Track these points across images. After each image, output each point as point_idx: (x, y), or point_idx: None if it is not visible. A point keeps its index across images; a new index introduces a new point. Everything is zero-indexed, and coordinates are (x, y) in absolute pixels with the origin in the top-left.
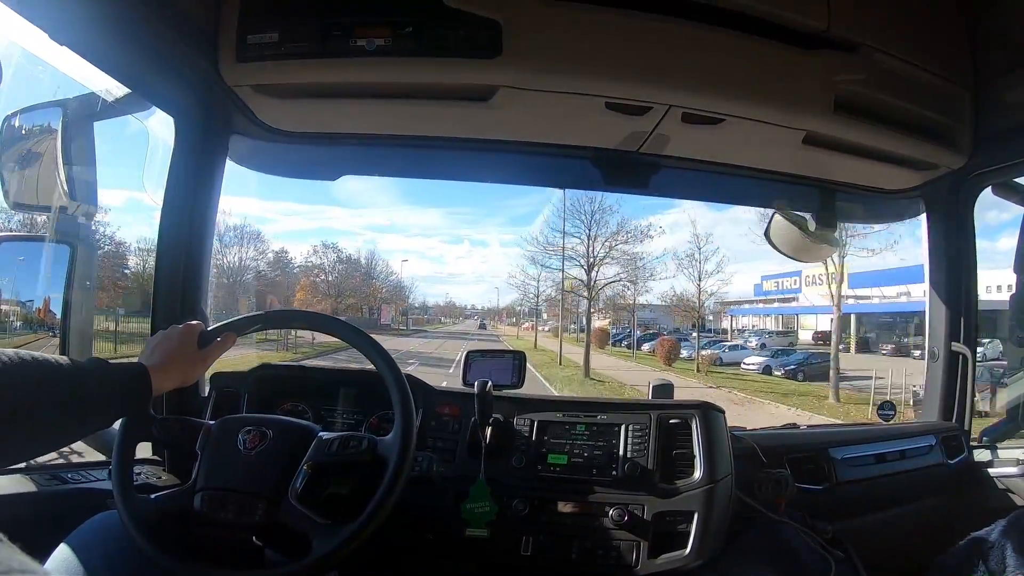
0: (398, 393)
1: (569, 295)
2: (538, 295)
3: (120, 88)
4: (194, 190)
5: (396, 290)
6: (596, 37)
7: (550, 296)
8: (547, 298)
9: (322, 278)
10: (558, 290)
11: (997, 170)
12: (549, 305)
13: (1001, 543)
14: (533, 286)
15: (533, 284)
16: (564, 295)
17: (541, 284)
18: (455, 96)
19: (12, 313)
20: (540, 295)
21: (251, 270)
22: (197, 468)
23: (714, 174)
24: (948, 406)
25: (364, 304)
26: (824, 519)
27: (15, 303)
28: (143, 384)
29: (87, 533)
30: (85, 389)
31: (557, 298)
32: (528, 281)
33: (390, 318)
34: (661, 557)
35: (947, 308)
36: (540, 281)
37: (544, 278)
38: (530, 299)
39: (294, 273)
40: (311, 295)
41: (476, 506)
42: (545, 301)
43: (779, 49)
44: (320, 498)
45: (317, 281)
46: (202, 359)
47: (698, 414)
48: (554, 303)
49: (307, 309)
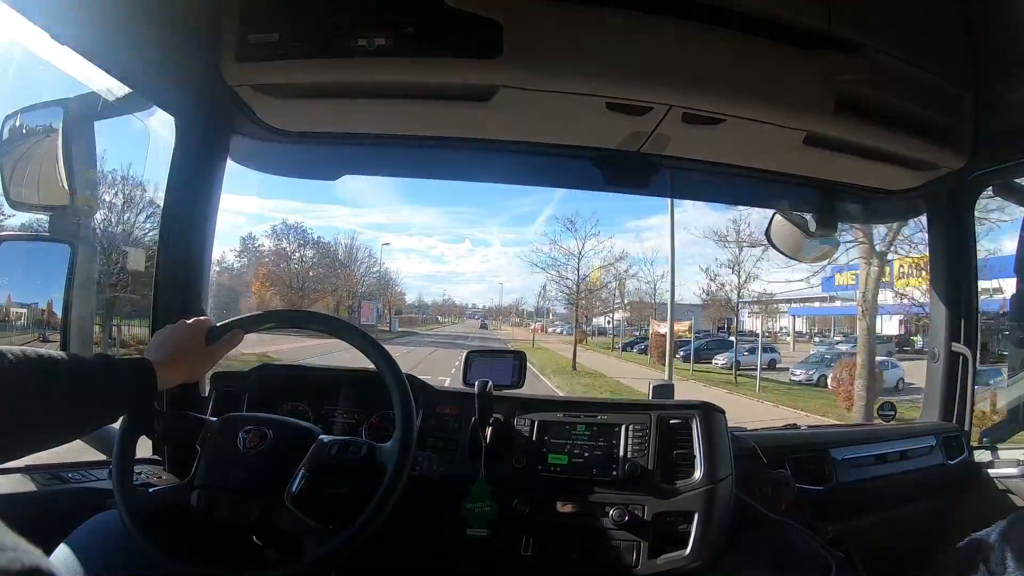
0: (399, 394)
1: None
2: (544, 293)
3: (121, 88)
4: (195, 190)
5: (382, 284)
6: (597, 37)
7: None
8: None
9: (284, 266)
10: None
11: (998, 171)
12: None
13: (1001, 544)
14: (571, 263)
15: (571, 261)
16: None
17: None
18: (456, 96)
19: (15, 314)
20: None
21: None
22: (196, 464)
23: (715, 174)
24: (948, 406)
25: (341, 300)
26: (824, 519)
27: (14, 303)
28: (148, 378)
29: (87, 533)
30: (90, 385)
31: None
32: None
33: (374, 317)
34: (661, 557)
35: (947, 309)
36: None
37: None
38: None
39: (265, 263)
40: (269, 288)
41: (476, 506)
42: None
43: (780, 49)
44: (316, 502)
45: (279, 271)
46: (210, 355)
47: (698, 414)
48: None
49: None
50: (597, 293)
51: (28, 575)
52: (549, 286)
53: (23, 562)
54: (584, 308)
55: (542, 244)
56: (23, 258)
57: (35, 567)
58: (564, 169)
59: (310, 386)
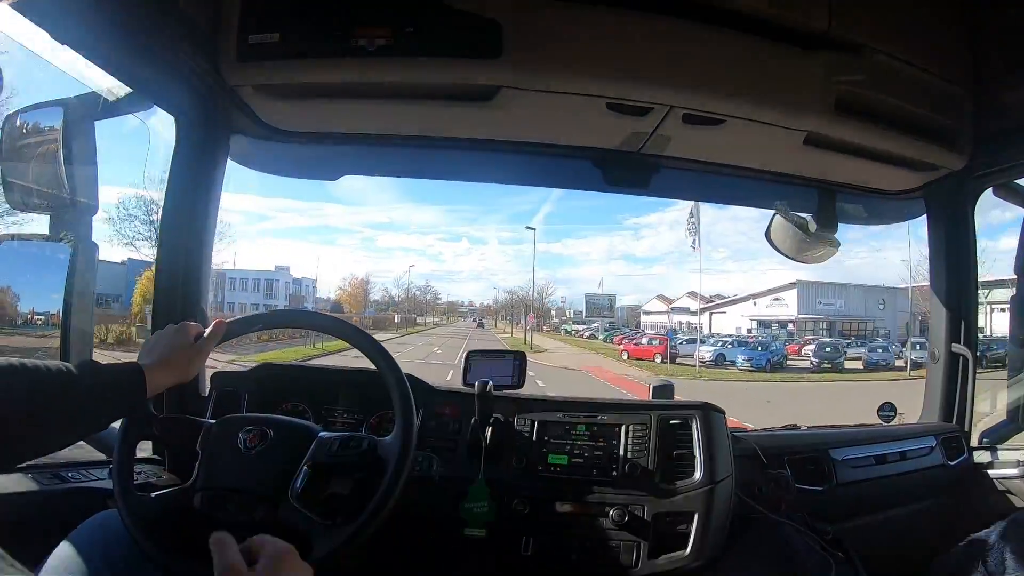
0: (398, 393)
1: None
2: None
3: (121, 87)
4: (195, 189)
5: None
6: (597, 38)
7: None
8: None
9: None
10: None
11: (998, 171)
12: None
13: (1000, 544)
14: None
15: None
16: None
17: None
18: (456, 96)
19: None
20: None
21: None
22: (198, 467)
23: (715, 175)
24: (948, 407)
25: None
26: (824, 520)
27: (14, 303)
28: (137, 382)
29: (87, 532)
30: (75, 392)
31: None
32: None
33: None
34: (661, 558)
35: (947, 309)
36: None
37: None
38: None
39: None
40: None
41: (474, 506)
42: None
43: (780, 50)
44: (320, 498)
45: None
46: (198, 351)
47: (698, 415)
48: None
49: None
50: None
51: None
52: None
53: None
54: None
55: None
56: (23, 259)
57: None
58: (564, 169)
59: (310, 386)
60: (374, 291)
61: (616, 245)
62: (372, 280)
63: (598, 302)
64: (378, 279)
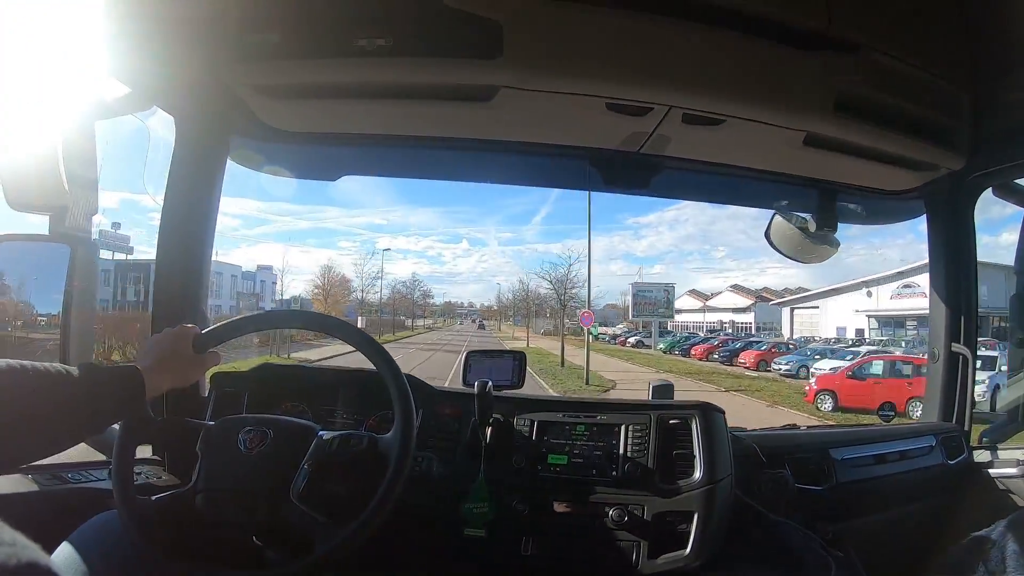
0: (398, 392)
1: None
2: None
3: (121, 87)
4: (195, 190)
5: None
6: (597, 38)
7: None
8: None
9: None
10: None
11: (997, 171)
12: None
13: (1001, 544)
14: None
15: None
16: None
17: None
18: (456, 96)
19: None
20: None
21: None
22: (198, 469)
23: (715, 175)
24: (948, 407)
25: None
26: (824, 520)
27: (14, 303)
28: (136, 385)
29: (87, 533)
30: (74, 395)
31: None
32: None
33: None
34: (661, 557)
35: (947, 309)
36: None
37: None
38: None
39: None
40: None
41: (474, 506)
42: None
43: (779, 50)
44: (321, 497)
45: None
46: (200, 362)
47: (698, 414)
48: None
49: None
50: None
51: (26, 570)
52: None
53: (20, 557)
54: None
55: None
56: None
57: (33, 562)
58: (564, 170)
59: (310, 386)
60: (371, 292)
61: (616, 245)
62: (354, 280)
63: (648, 294)
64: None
